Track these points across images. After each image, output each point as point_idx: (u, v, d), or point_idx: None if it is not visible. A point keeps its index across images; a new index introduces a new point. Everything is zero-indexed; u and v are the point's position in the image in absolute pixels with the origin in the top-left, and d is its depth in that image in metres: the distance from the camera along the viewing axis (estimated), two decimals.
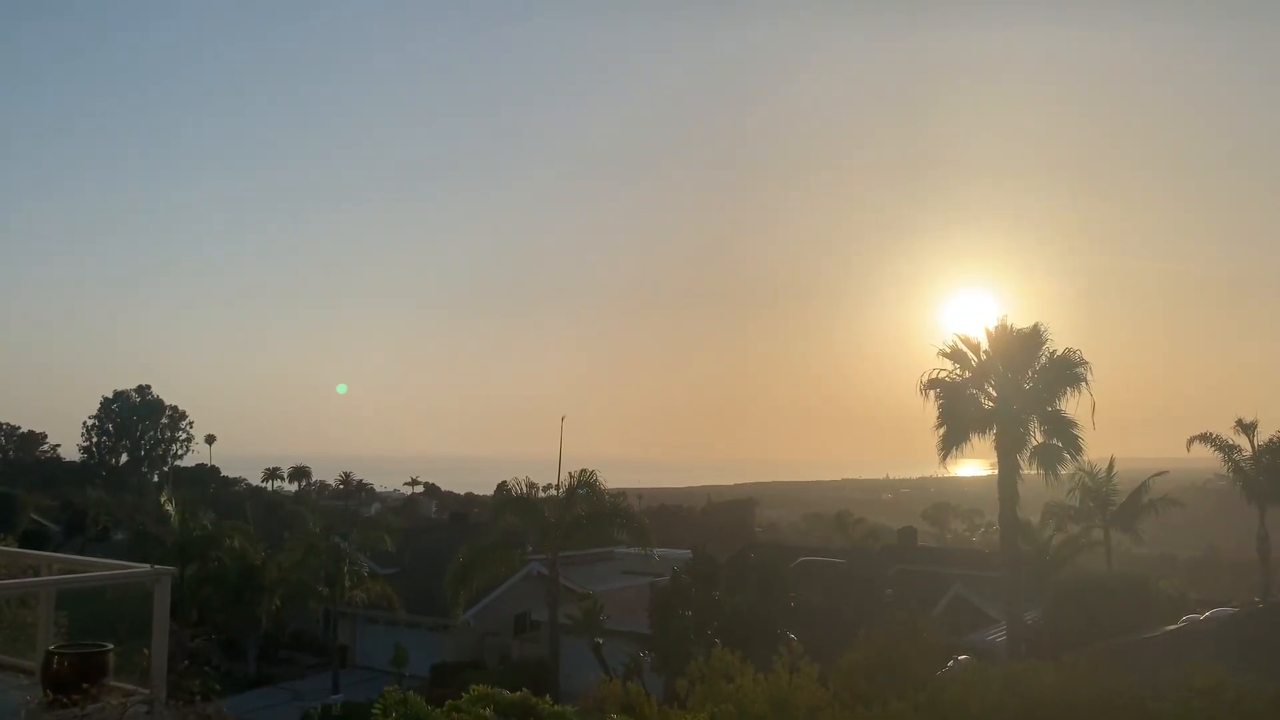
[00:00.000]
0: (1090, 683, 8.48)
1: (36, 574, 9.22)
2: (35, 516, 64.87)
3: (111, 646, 7.52)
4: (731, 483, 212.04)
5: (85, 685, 6.81)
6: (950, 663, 14.02)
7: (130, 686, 7.77)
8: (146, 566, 8.14)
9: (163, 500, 44.84)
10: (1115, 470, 42.40)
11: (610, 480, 32.21)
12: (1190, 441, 37.63)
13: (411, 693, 5.76)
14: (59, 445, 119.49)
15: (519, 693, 6.02)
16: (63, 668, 7.21)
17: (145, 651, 7.72)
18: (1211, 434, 37.41)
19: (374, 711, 5.70)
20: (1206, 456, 38.34)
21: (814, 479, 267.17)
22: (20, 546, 49.90)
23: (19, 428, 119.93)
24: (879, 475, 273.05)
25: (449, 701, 5.61)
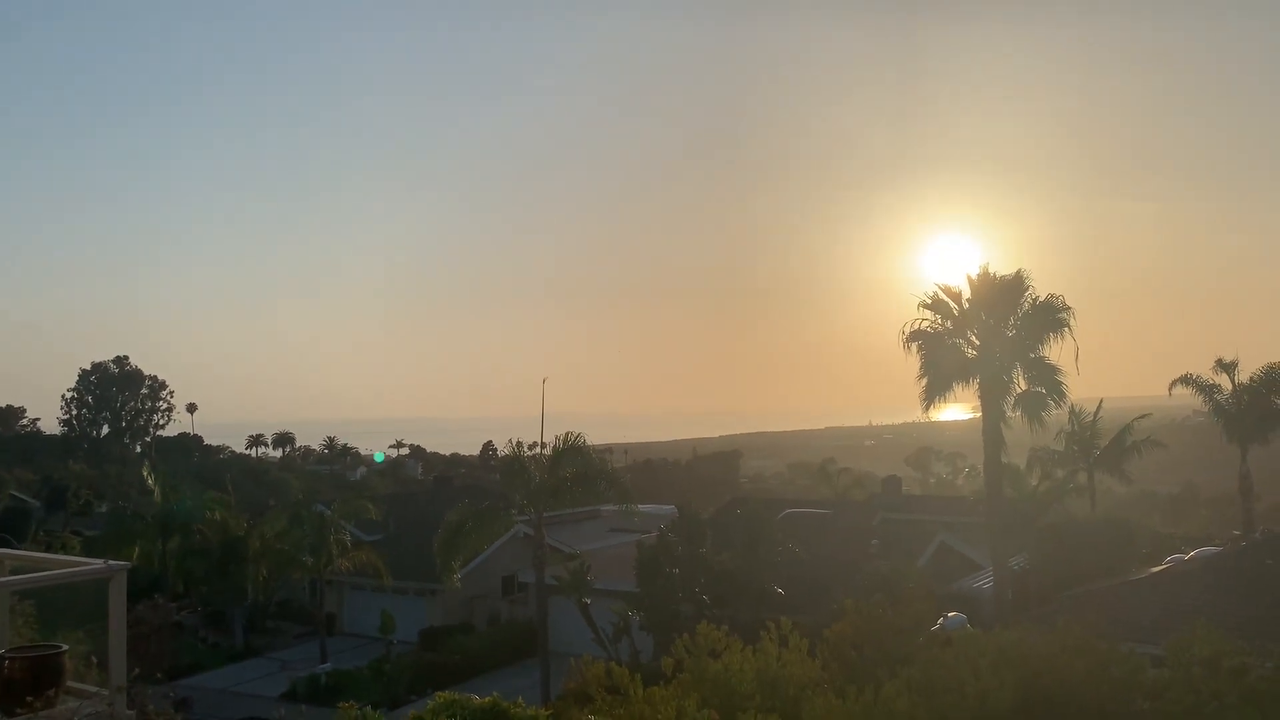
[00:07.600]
0: (1085, 650, 8.29)
1: None
2: (15, 493, 64.16)
3: (66, 648, 7.16)
4: (716, 435, 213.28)
5: (33, 693, 6.45)
6: (940, 620, 13.88)
7: (91, 688, 7.42)
8: (100, 562, 7.75)
9: (144, 474, 44.35)
10: (1101, 413, 42.66)
11: (594, 436, 31.99)
12: (1172, 385, 37.68)
13: (369, 708, 5.45)
14: (39, 419, 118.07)
15: (489, 698, 5.74)
16: (14, 672, 6.86)
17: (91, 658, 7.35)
18: (1192, 375, 37.45)
19: None
20: (1186, 395, 38.44)
21: (798, 428, 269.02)
22: (1, 523, 49.31)
23: None
24: (862, 422, 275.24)
25: (412, 713, 5.33)
